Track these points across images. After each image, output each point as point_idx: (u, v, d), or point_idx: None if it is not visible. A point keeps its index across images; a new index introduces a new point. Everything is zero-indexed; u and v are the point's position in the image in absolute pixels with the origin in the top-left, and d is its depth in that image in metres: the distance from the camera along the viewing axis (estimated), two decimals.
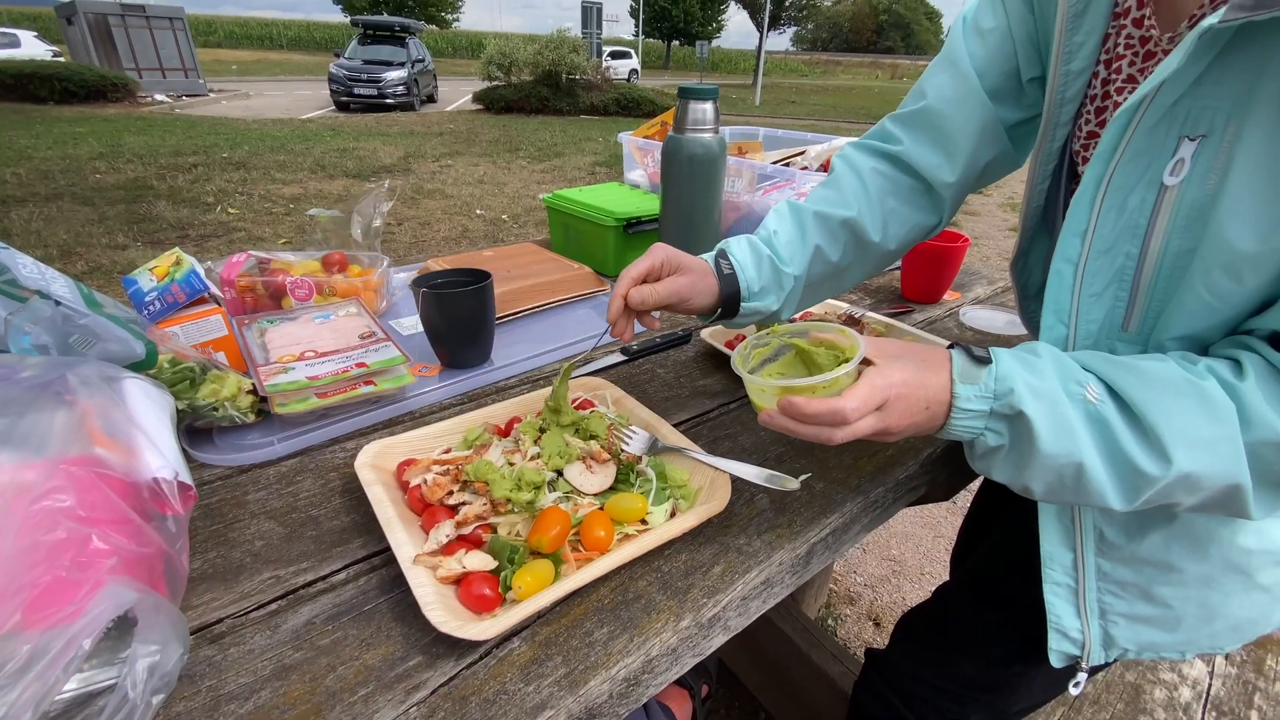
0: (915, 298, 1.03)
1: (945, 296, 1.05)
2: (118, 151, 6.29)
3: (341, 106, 12.11)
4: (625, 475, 0.56)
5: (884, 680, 0.80)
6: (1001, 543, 0.75)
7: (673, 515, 0.53)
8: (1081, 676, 0.62)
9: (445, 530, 0.49)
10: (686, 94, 0.91)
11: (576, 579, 0.45)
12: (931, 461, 0.67)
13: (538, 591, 0.44)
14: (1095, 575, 0.56)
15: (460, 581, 0.46)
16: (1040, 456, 0.43)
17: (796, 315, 0.89)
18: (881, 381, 0.44)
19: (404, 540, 0.48)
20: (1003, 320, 0.98)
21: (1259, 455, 0.41)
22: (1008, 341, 0.91)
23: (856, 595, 1.66)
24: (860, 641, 1.53)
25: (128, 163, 5.84)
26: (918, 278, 1.02)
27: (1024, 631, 0.68)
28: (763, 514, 0.57)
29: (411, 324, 0.90)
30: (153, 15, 12.56)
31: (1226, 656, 0.94)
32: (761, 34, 21.21)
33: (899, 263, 1.14)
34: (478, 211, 4.97)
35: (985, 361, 0.45)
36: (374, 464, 0.56)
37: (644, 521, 0.52)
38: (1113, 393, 0.43)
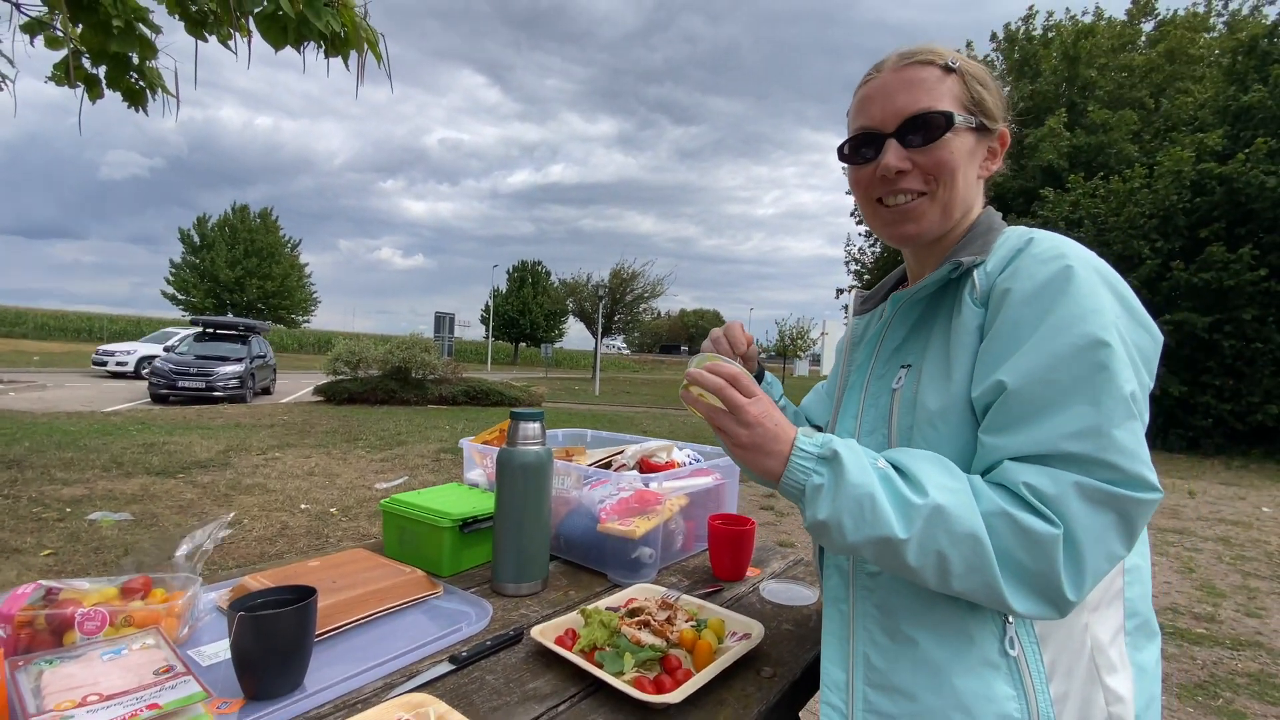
0: (723, 576, 1.18)
1: (748, 573, 1.21)
2: None
3: (159, 399, 11.35)
4: None
5: None
6: None
7: None
8: None
9: None
10: (517, 416, 1.10)
11: None
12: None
13: None
14: (862, 703, 0.67)
15: None
16: (849, 487, 0.62)
17: (621, 604, 0.98)
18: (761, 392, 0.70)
19: None
20: (793, 591, 1.14)
21: (993, 527, 0.59)
22: (798, 611, 1.06)
23: None
24: None
25: None
26: (722, 557, 1.18)
27: None
28: None
29: (214, 652, 0.84)
30: None
31: None
32: (596, 341, 24.67)
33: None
34: (302, 506, 4.63)
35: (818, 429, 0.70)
36: None
37: None
38: (891, 462, 0.66)
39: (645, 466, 1.37)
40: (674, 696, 0.73)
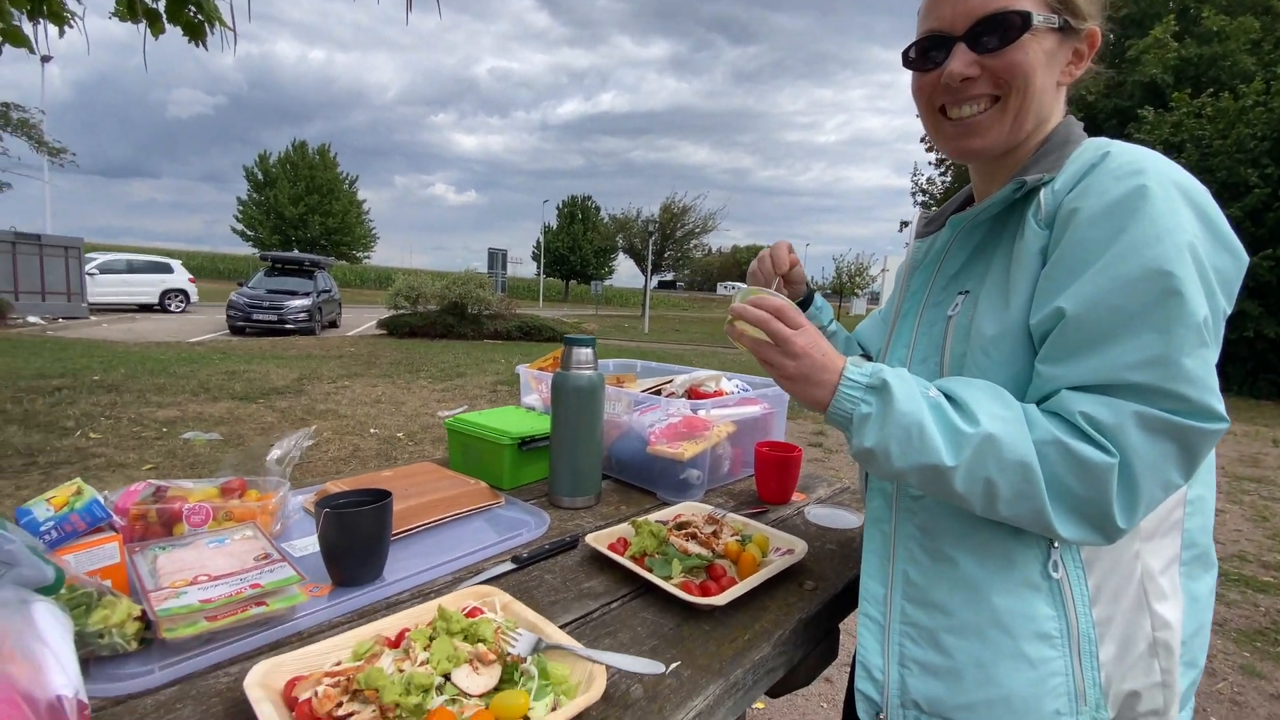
0: (768, 499, 1.21)
1: (794, 497, 1.24)
2: None
3: (237, 331, 12.10)
4: (510, 674, 0.62)
5: None
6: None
7: (554, 709, 0.59)
8: None
9: None
10: (571, 341, 1.13)
11: None
12: (782, 642, 0.77)
13: None
14: (899, 616, 0.69)
15: None
16: (897, 415, 0.62)
17: (669, 519, 1.03)
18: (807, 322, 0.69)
19: None
20: (837, 515, 1.16)
21: (1045, 455, 0.59)
22: (842, 534, 1.08)
23: None
24: None
25: None
26: (768, 481, 1.21)
27: None
28: (636, 703, 0.63)
29: (304, 545, 0.93)
30: (47, 244, 12.56)
31: None
32: (646, 278, 24.54)
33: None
34: (371, 430, 4.94)
35: (868, 358, 0.70)
36: (263, 682, 0.58)
37: (526, 718, 0.57)
38: (943, 391, 0.65)
39: (694, 395, 1.39)
40: (719, 599, 0.77)
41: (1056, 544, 0.66)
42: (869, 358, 0.87)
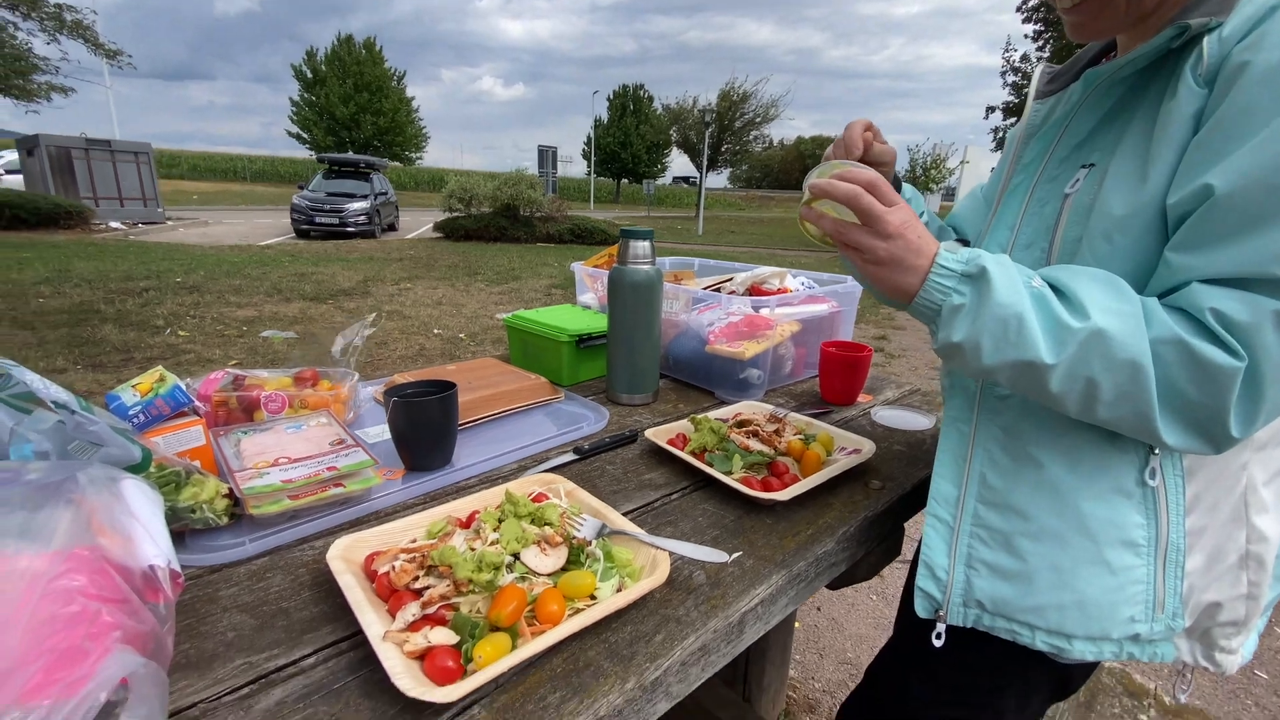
0: (833, 400, 1.17)
1: (860, 399, 1.19)
2: (65, 276, 6.26)
3: (302, 234, 12.47)
4: (576, 557, 0.63)
5: None
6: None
7: (619, 590, 0.60)
8: (941, 628, 0.69)
9: (411, 610, 0.54)
10: (628, 234, 1.08)
11: (531, 648, 0.51)
12: (847, 539, 0.76)
13: (496, 661, 0.50)
14: (971, 519, 0.66)
15: (425, 656, 0.51)
16: (994, 307, 0.55)
17: (729, 417, 1.01)
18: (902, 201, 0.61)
19: (373, 620, 0.53)
20: (907, 417, 1.12)
21: (1160, 355, 0.53)
22: (911, 435, 1.04)
23: (815, 702, 1.64)
24: None
25: (75, 287, 5.80)
26: (834, 382, 1.16)
27: (945, 695, 0.74)
28: (699, 588, 0.64)
29: (376, 433, 0.97)
30: (118, 150, 12.98)
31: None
32: (701, 175, 23.49)
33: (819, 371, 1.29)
34: (435, 331, 5.10)
35: (964, 244, 0.61)
36: (344, 556, 0.62)
37: (593, 597, 0.58)
38: (1049, 281, 0.57)
39: (755, 292, 1.33)
40: (782, 495, 0.76)
41: (1157, 451, 0.60)
42: (965, 244, 0.78)
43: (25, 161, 12.72)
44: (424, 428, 0.83)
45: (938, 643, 0.70)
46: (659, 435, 0.92)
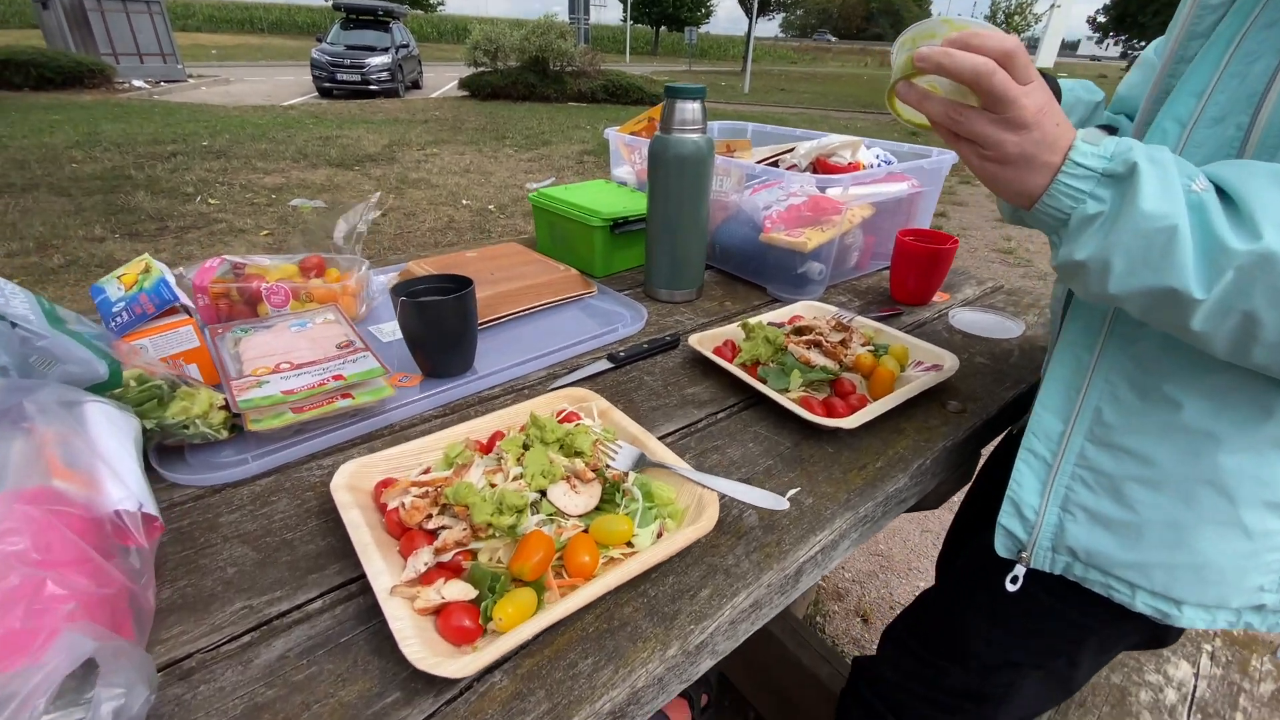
0: (904, 299, 1.02)
1: (935, 298, 1.04)
2: (95, 139, 6.14)
3: (324, 93, 11.90)
4: (611, 495, 0.55)
5: (874, 693, 0.80)
6: (988, 546, 0.75)
7: (659, 536, 0.52)
8: (1019, 571, 0.61)
9: (423, 558, 0.47)
10: (674, 93, 0.89)
11: (559, 609, 0.44)
12: (921, 472, 0.66)
13: (520, 622, 0.43)
14: (1075, 457, 0.56)
15: (439, 612, 0.45)
16: (1138, 218, 0.41)
17: (784, 321, 0.88)
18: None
19: (381, 569, 0.46)
20: (991, 321, 0.97)
21: None
22: (995, 344, 0.91)
23: (844, 591, 1.66)
24: (848, 638, 1.53)
25: (105, 151, 5.70)
26: (907, 279, 1.01)
27: (1011, 638, 0.68)
28: (751, 532, 0.56)
29: (393, 329, 0.88)
30: (130, 0, 12.22)
31: (1212, 656, 0.94)
32: (751, 20, 21.04)
33: (888, 263, 1.13)
34: (464, 202, 4.91)
35: (1111, 132, 0.44)
36: (350, 484, 0.55)
37: (630, 544, 0.51)
38: (1217, 182, 0.43)
39: (822, 168, 1.14)
40: (847, 422, 0.65)
41: None
42: (1111, 132, 0.60)
43: (41, 15, 12.12)
44: (438, 331, 0.73)
45: (1012, 586, 0.62)
46: (704, 343, 0.81)
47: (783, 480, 0.62)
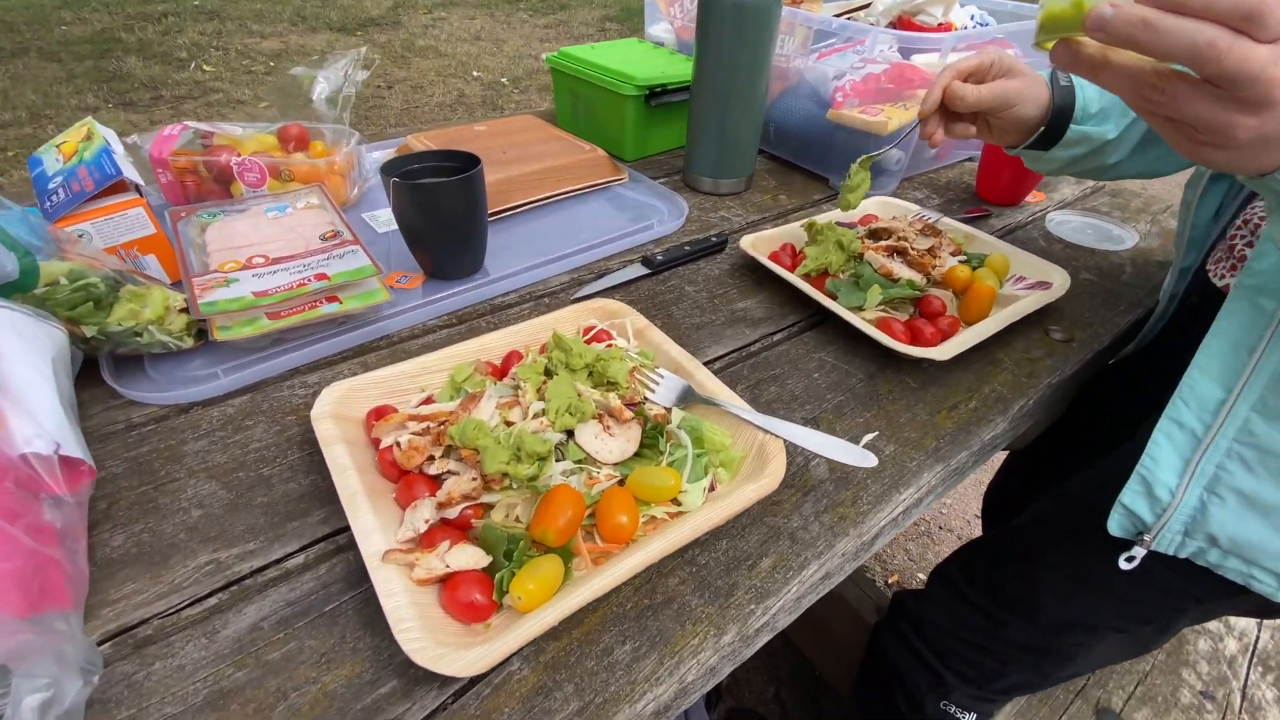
0: (993, 198, 0.86)
1: (1028, 198, 0.88)
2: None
3: None
4: (652, 438, 0.45)
5: (915, 631, 0.74)
6: (1072, 497, 0.65)
7: (711, 489, 0.43)
8: (1138, 553, 0.52)
9: (424, 513, 0.38)
10: None
11: (592, 586, 0.35)
12: (1020, 415, 0.55)
13: (544, 600, 0.34)
14: (1235, 432, 0.45)
15: (444, 583, 0.36)
16: None
17: (854, 220, 0.74)
18: None
19: (371, 526, 0.37)
20: (1096, 229, 0.82)
21: None
22: (1103, 257, 0.76)
23: None
24: (878, 562, 1.51)
25: (94, 12, 5.25)
26: (1000, 173, 0.84)
27: (1097, 602, 0.60)
28: (820, 486, 0.46)
29: (388, 218, 0.75)
30: None
31: None
32: None
33: (978, 154, 0.95)
34: (474, 73, 4.51)
35: None
36: (337, 412, 0.45)
37: (675, 502, 0.41)
38: None
39: (906, 28, 0.93)
40: (938, 352, 0.54)
41: None
42: None
43: None
44: (439, 221, 0.60)
45: (1127, 566, 0.53)
46: (758, 246, 0.67)
47: (856, 421, 0.51)
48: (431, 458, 0.42)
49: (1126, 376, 0.70)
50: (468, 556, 0.36)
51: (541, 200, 0.78)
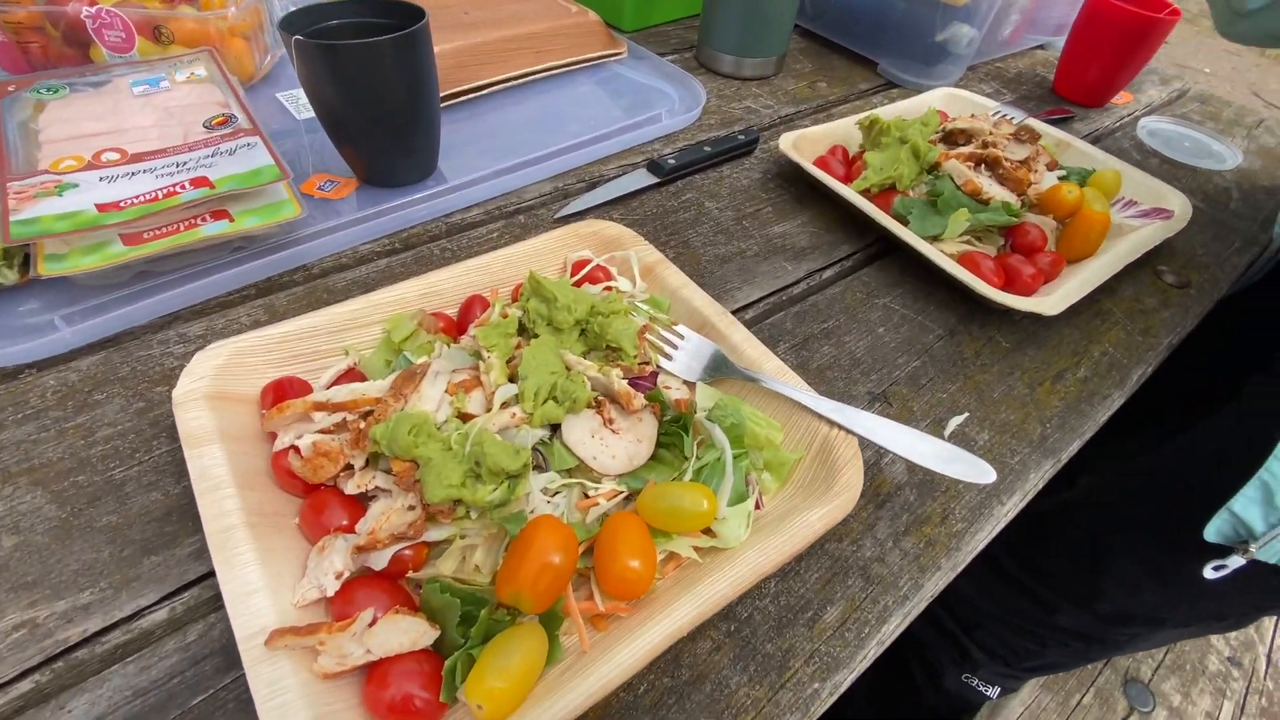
0: (1076, 96, 0.70)
1: (1115, 99, 0.72)
2: None
3: None
4: (672, 434, 0.31)
5: (940, 602, 0.66)
6: (1153, 476, 0.55)
7: (757, 506, 0.30)
8: (1234, 562, 0.44)
9: (334, 560, 0.25)
10: None
11: (592, 676, 0.23)
12: (1141, 380, 0.43)
13: (516, 707, 0.23)
14: None
15: (368, 674, 0.24)
16: None
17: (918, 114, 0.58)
18: None
19: (253, 582, 0.24)
20: (1193, 142, 0.67)
21: None
22: (1206, 179, 0.61)
23: None
24: None
25: None
26: (1089, 63, 0.67)
27: (1171, 599, 0.51)
28: (898, 495, 0.34)
29: None
30: None
31: None
32: None
33: (1052, 39, 0.78)
34: None
35: None
36: (215, 390, 0.31)
37: (709, 532, 0.29)
38: None
39: None
40: (1048, 305, 0.40)
41: None
42: None
43: None
44: (369, 103, 0.43)
45: (1213, 575, 0.43)
46: (801, 148, 0.52)
47: (939, 396, 0.39)
48: (349, 468, 0.28)
49: (1219, 325, 0.58)
50: (401, 634, 0.24)
51: (514, 80, 0.60)
